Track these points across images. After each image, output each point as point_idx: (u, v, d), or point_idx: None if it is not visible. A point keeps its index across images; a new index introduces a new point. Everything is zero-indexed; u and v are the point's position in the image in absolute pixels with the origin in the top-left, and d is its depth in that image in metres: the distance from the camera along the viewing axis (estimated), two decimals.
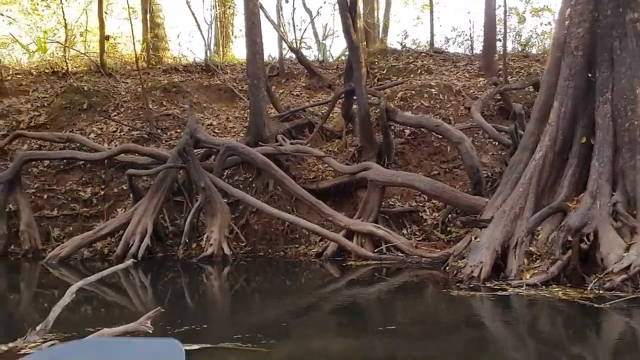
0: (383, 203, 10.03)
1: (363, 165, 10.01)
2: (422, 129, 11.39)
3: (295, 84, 14.10)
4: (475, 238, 8.01)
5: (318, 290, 8.23)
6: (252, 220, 10.97)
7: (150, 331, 3.97)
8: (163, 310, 4.16)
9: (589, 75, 7.64)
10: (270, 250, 10.63)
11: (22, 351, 4.14)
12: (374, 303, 7.29)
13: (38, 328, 4.47)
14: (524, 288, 6.86)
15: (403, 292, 7.88)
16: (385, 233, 9.53)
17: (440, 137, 11.39)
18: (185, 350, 3.92)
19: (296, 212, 10.70)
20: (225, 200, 10.36)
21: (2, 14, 15.15)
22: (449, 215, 10.22)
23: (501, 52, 13.53)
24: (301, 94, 13.81)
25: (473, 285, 7.14)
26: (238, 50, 18.29)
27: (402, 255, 9.35)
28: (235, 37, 18.83)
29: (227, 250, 9.76)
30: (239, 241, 10.57)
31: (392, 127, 11.35)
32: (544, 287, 6.86)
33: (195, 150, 10.43)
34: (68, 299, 4.69)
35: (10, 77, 14.52)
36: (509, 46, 14.94)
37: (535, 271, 7.16)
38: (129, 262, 5.42)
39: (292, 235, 10.81)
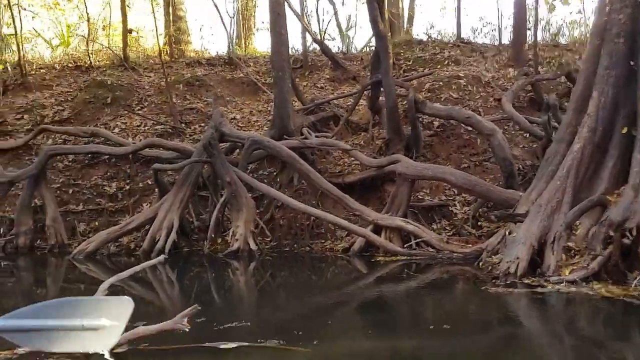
0: (412, 197, 9.82)
1: (391, 158, 9.82)
2: (452, 121, 11.16)
3: (319, 76, 13.95)
4: (510, 233, 7.80)
5: (348, 287, 8.10)
6: (277, 215, 10.86)
7: (187, 329, 3.87)
8: (200, 308, 4.05)
9: (631, 62, 7.36)
10: (295, 246, 10.50)
11: None
12: (408, 301, 7.14)
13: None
14: (563, 285, 6.64)
15: (437, 289, 7.71)
16: (414, 228, 9.34)
17: (470, 129, 11.14)
18: (222, 348, 3.81)
19: (321, 207, 10.56)
20: (250, 195, 10.26)
21: (24, 8, 15.18)
22: (480, 210, 10.00)
23: (531, 42, 13.22)
24: (325, 86, 13.64)
25: (509, 281, 6.93)
26: (260, 43, 18.17)
27: (432, 250, 9.16)
28: (257, 29, 18.73)
29: (252, 246, 9.66)
30: (264, 236, 10.46)
31: (421, 119, 11.14)
32: (584, 283, 6.64)
33: (220, 144, 10.34)
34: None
35: (33, 72, 14.57)
36: (538, 36, 14.58)
37: (575, 267, 6.94)
38: (161, 257, 5.34)
39: (317, 230, 10.67)
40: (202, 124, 12.56)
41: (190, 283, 8.64)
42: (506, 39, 15.27)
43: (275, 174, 11.35)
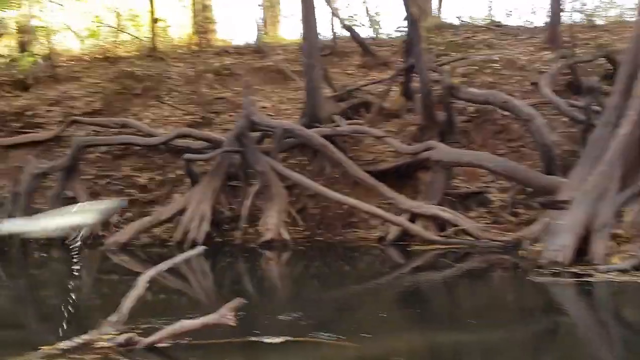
0: (448, 184, 9.58)
1: (426, 144, 9.58)
2: (487, 106, 10.84)
3: (348, 62, 13.71)
4: (553, 220, 7.52)
5: (385, 277, 7.93)
6: (308, 204, 10.70)
7: (233, 324, 3.73)
8: (245, 302, 3.91)
9: None
10: (328, 235, 10.34)
11: (98, 344, 3.97)
12: (449, 291, 6.96)
13: (111, 319, 4.30)
14: (613, 273, 6.37)
15: (478, 279, 7.51)
16: (451, 216, 9.11)
17: (507, 114, 10.81)
18: (268, 343, 3.66)
19: (354, 196, 10.35)
20: (282, 184, 10.12)
21: (52, 1, 15.21)
22: (518, 197, 9.72)
23: (566, 24, 12.79)
24: (355, 72, 13.41)
25: (555, 270, 6.68)
26: (286, 31, 17.96)
27: (470, 239, 8.92)
28: (284, 17, 18.54)
29: (285, 235, 9.53)
30: (296, 226, 10.33)
31: (455, 105, 10.84)
32: (635, 271, 6.37)
33: (251, 133, 10.19)
34: (142, 289, 4.51)
35: (63, 64, 14.61)
36: (574, 17, 14.14)
37: (624, 255, 6.67)
38: (200, 248, 5.21)
39: (350, 219, 10.48)
40: (231, 114, 12.43)
41: (224, 274, 8.57)
42: (540, 21, 14.82)
43: (306, 162, 11.18)
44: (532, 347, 4.50)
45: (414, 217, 9.40)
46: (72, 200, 11.16)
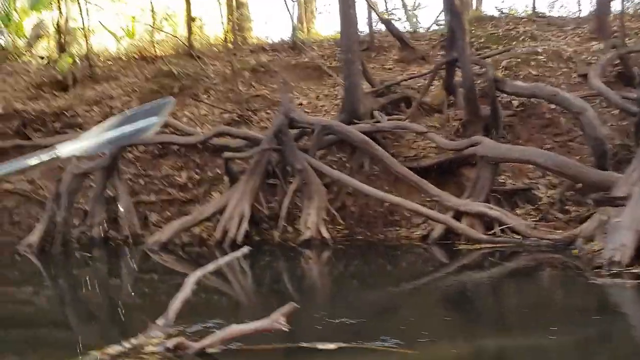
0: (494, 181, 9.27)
1: (472, 140, 9.27)
2: (533, 100, 10.48)
3: (386, 57, 13.45)
4: (610, 218, 7.16)
5: (432, 278, 7.66)
6: (348, 202, 10.52)
7: (286, 329, 3.57)
8: (298, 307, 3.74)
9: None
10: (368, 234, 10.14)
11: (146, 349, 3.85)
12: (501, 292, 6.68)
13: (159, 322, 4.18)
14: None
15: (531, 279, 7.21)
16: (498, 213, 8.81)
17: (553, 107, 10.44)
18: (321, 349, 3.45)
19: (395, 193, 10.12)
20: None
21: (89, 2, 15.33)
22: (567, 193, 9.35)
23: (614, 13, 12.28)
24: (393, 67, 13.15)
25: (614, 271, 6.34)
26: (321, 27, 17.77)
27: (518, 237, 8.61)
28: (320, 12, 18.35)
29: (325, 234, 9.36)
30: (336, 224, 10.15)
31: (499, 99, 10.50)
32: None
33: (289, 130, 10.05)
34: (189, 290, 4.39)
35: (101, 64, 14.72)
36: (622, 6, 13.55)
37: None
38: (245, 249, 5.08)
39: (391, 217, 10.26)
40: (269, 111, 12.32)
41: (265, 273, 8.44)
42: (584, 10, 14.30)
43: (344, 159, 10.99)
44: (589, 353, 4.23)
45: (458, 215, 9.14)
46: (113, 200, 11.27)
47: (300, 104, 12.48)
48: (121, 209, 10.81)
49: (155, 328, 4.10)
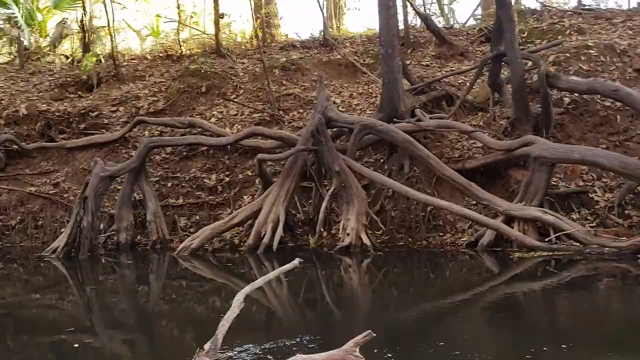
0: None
1: (524, 140, 8.69)
2: (585, 97, 9.85)
3: (423, 53, 12.90)
4: None
5: (486, 290, 7.07)
6: (387, 206, 9.99)
7: None
8: (375, 335, 3.22)
9: None
10: (410, 240, 9.60)
11: None
12: (567, 308, 6.09)
13: (207, 347, 3.70)
14: None
15: (598, 292, 6.61)
16: (555, 219, 8.21)
17: (608, 104, 9.81)
18: None
19: (436, 197, 9.56)
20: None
21: (113, 1, 14.99)
22: (627, 197, 8.73)
23: None
24: (431, 63, 12.59)
25: None
26: (351, 24, 17.26)
27: (577, 244, 8.00)
28: (348, 9, 17.86)
29: (365, 240, 8.86)
30: (375, 229, 9.63)
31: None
32: None
33: None
34: (237, 310, 3.90)
35: (126, 63, 14.38)
36: None
37: None
38: (296, 261, 4.58)
39: (434, 222, 9.71)
40: (301, 110, 11.85)
41: (303, 283, 7.89)
42: (634, 2, 13.59)
43: (382, 161, 10.47)
44: None
45: (509, 220, 8.56)
46: (140, 204, 10.87)
47: (334, 103, 11.97)
48: (149, 214, 10.42)
49: (202, 354, 3.61)
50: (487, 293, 6.90)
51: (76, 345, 4.97)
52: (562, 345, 4.46)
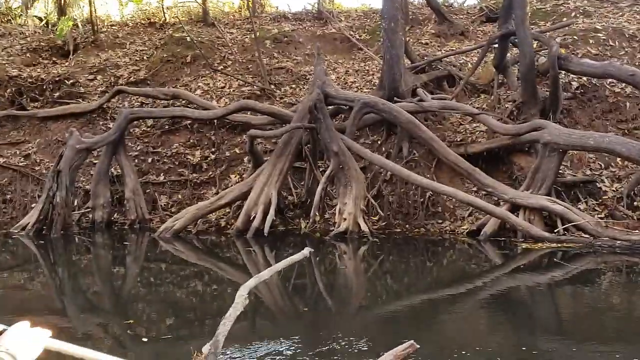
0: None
1: (533, 124, 8.26)
2: (594, 82, 9.48)
3: (422, 31, 12.38)
4: None
5: (493, 281, 6.67)
6: (385, 191, 9.51)
7: None
8: (418, 346, 2.73)
9: None
10: (407, 227, 9.15)
11: None
12: (575, 304, 5.72)
13: (205, 350, 3.17)
14: None
15: (616, 288, 6.25)
16: (563, 209, 7.83)
17: (618, 90, 9.47)
18: None
19: (436, 182, 9.10)
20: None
21: None
22: (637, 187, 8.39)
23: None
24: (430, 41, 12.09)
25: None
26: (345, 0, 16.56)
27: (586, 236, 7.63)
28: None
29: (363, 226, 8.37)
30: (371, 214, 9.15)
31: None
32: None
33: None
34: (240, 307, 3.37)
35: (105, 30, 13.57)
36: None
37: None
38: (306, 251, 4.07)
39: (433, 209, 9.27)
40: (293, 85, 11.27)
41: (297, 272, 7.39)
42: None
43: (379, 142, 9.96)
44: None
45: (514, 209, 8.16)
46: (118, 180, 10.24)
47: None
48: (128, 190, 9.79)
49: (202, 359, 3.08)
50: (487, 285, 6.51)
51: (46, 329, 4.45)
52: (558, 341, 4.26)
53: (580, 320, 5.12)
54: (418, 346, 2.74)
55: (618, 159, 8.88)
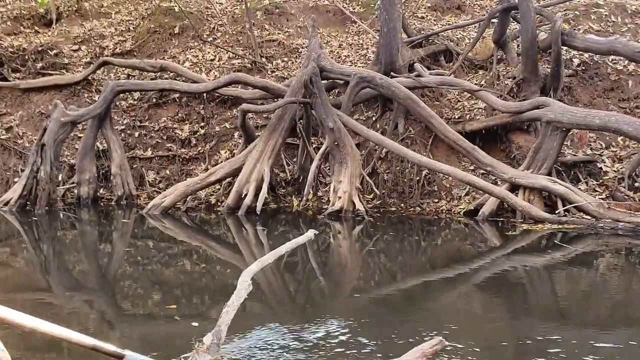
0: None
1: (536, 101, 8.01)
2: (596, 59, 9.24)
3: (417, 4, 12.00)
4: None
5: (489, 263, 6.45)
6: (380, 169, 9.27)
7: None
8: (446, 343, 2.49)
9: None
10: (402, 206, 8.93)
11: None
12: (578, 286, 5.57)
13: (207, 340, 2.92)
14: None
15: (616, 270, 6.09)
16: (565, 189, 7.62)
17: (620, 68, 9.24)
18: None
19: (433, 159, 8.86)
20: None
21: None
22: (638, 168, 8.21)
23: None
24: (426, 15, 11.73)
25: None
26: None
27: (588, 218, 7.45)
28: None
29: (359, 205, 8.14)
30: (365, 193, 8.91)
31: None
32: None
33: None
34: (244, 294, 3.12)
35: None
36: None
37: None
38: (310, 233, 3.82)
39: (429, 188, 9.05)
40: (285, 59, 10.90)
41: (296, 251, 7.12)
42: None
43: (374, 119, 9.68)
44: None
45: (513, 188, 7.95)
46: (104, 154, 9.90)
47: None
48: (114, 166, 9.46)
49: (203, 350, 2.83)
50: (483, 267, 6.28)
51: (30, 307, 4.27)
52: (555, 326, 4.14)
53: (579, 304, 4.99)
54: (446, 342, 2.50)
55: (619, 139, 8.70)
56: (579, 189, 8.15)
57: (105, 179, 9.92)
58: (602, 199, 8.01)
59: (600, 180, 8.37)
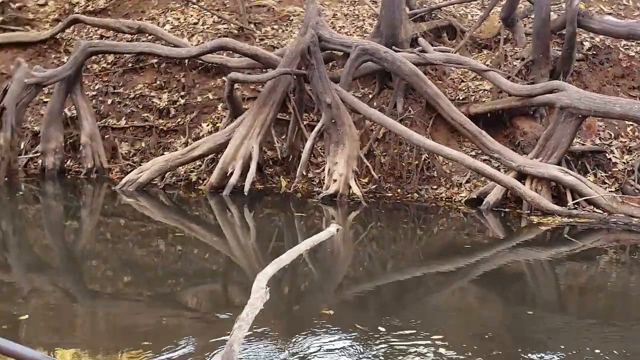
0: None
1: (549, 85, 7.59)
2: (608, 43, 8.90)
3: None
4: None
5: (491, 257, 6.12)
6: (376, 151, 8.76)
7: None
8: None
9: None
10: (399, 191, 8.46)
11: None
12: (583, 284, 5.29)
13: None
14: None
15: (625, 268, 5.81)
16: (576, 181, 7.27)
17: (633, 54, 8.89)
18: None
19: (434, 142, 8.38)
20: None
21: None
22: None
23: None
24: None
25: None
26: None
27: (599, 212, 7.12)
28: None
29: (355, 190, 7.65)
30: (360, 177, 8.39)
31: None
32: None
33: None
34: (260, 304, 2.59)
35: None
36: None
37: None
38: (332, 228, 3.32)
39: (428, 173, 8.59)
40: (276, 26, 10.25)
41: (290, 239, 6.60)
42: None
43: (370, 97, 9.14)
44: None
45: (520, 177, 7.55)
46: (73, 122, 9.16)
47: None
48: (84, 135, 8.75)
49: None
50: (484, 261, 5.96)
51: None
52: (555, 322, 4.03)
53: (583, 302, 4.86)
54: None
55: (629, 129, 8.40)
56: (589, 180, 7.82)
57: (74, 149, 9.22)
58: (611, 191, 7.70)
59: (609, 172, 8.05)
